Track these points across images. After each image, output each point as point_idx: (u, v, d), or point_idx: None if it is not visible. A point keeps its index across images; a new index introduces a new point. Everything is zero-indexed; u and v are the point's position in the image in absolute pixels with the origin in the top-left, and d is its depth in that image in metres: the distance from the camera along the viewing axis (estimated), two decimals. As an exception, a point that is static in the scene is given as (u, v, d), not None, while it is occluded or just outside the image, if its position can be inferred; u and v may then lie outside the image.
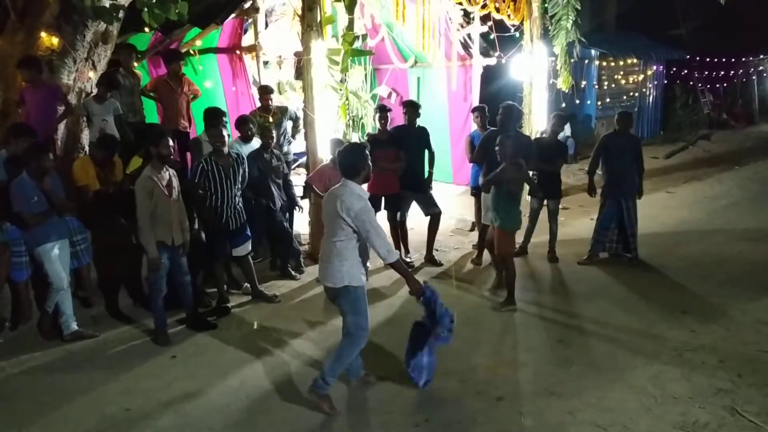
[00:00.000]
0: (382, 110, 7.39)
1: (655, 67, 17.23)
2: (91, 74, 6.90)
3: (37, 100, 6.29)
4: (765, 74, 21.04)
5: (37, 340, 5.47)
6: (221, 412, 4.42)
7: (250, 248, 6.37)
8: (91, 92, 6.95)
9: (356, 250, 4.29)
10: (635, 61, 16.37)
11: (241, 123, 6.80)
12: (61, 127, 6.65)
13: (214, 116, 6.10)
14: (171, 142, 5.35)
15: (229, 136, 6.19)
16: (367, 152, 4.34)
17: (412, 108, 7.46)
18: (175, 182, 5.48)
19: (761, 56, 20.51)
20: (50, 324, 5.54)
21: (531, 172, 7.50)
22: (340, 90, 7.66)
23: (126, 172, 6.23)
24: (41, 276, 5.45)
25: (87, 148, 6.96)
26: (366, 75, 11.06)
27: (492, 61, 10.43)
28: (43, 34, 6.38)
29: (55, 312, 5.51)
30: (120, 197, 5.87)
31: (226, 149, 5.94)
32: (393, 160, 7.13)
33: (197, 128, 7.84)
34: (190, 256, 5.74)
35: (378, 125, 7.37)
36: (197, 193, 5.89)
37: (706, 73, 18.91)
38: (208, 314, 6.04)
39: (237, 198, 6.07)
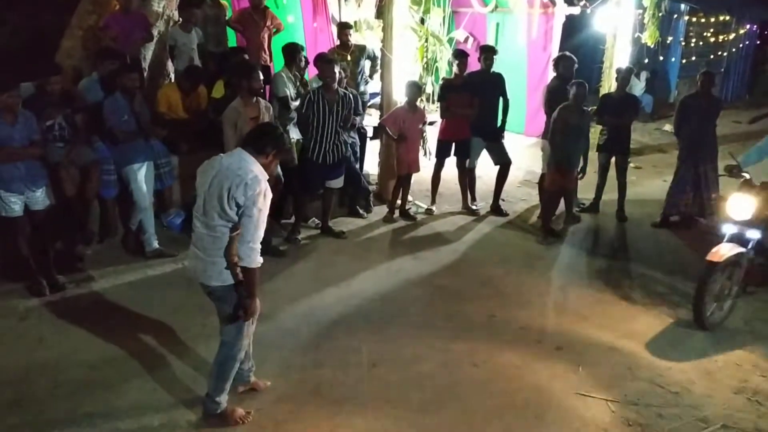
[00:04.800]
0: (460, 55, 7.32)
1: (747, 27, 16.30)
2: (180, 3, 7.07)
3: (125, 26, 6.51)
4: None
5: (121, 255, 5.84)
6: (290, 335, 4.67)
7: (342, 183, 6.56)
8: (178, 20, 7.12)
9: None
10: (727, 18, 15.50)
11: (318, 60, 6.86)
12: (149, 54, 6.88)
13: (322, 59, 6.36)
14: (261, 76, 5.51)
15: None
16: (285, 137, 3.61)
17: (489, 53, 7.31)
18: (268, 115, 5.65)
19: None
20: (134, 240, 5.90)
21: (600, 127, 7.43)
22: (420, 31, 7.61)
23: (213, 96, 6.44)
24: (127, 195, 5.77)
25: (172, 76, 7.18)
26: (444, 18, 10.91)
27: (576, 10, 10.08)
28: (136, -39, 6.56)
29: (138, 229, 5.86)
30: (206, 125, 6.12)
31: (335, 85, 6.10)
32: (466, 105, 7.10)
33: (275, 63, 7.95)
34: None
35: (455, 69, 7.32)
36: (305, 123, 6.10)
37: (803, 36, 17.79)
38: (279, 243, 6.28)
39: (337, 134, 6.20)
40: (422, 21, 7.58)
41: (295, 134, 6.51)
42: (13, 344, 4.43)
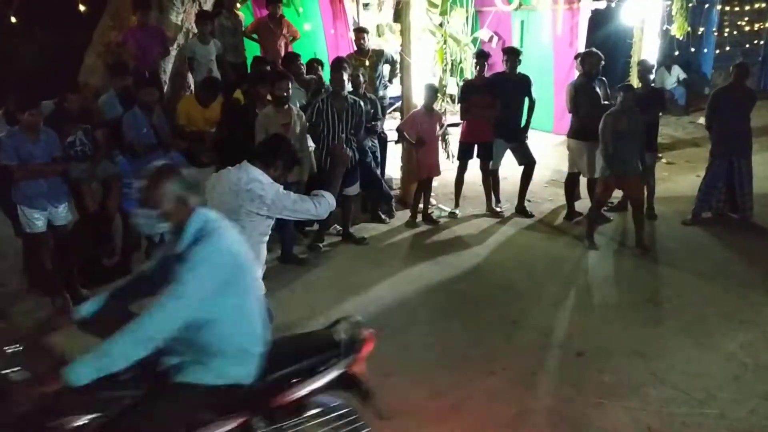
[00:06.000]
0: (480, 56, 7.24)
1: (787, 13, 15.74)
2: (198, 16, 7.15)
3: (143, 40, 6.60)
4: None
5: (144, 267, 5.91)
6: (307, 345, 4.65)
7: (358, 189, 6.53)
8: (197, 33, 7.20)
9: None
10: (763, 6, 14.99)
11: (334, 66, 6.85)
12: (169, 67, 6.97)
13: (332, 66, 6.38)
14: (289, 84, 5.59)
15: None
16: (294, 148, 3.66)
17: (512, 55, 7.19)
18: (300, 122, 5.70)
19: None
20: (156, 252, 5.96)
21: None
22: (439, 33, 7.55)
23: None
24: (149, 207, 5.83)
25: (193, 88, 7.26)
26: (467, 18, 10.80)
27: (601, 4, 9.88)
28: (153, -25, 6.66)
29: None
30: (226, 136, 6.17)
31: (344, 93, 6.10)
32: (486, 107, 7.00)
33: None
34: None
35: (474, 71, 7.24)
36: (314, 132, 6.11)
37: None
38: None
39: (348, 141, 6.12)
40: (441, 24, 7.50)
41: (311, 143, 6.51)
42: (36, 358, 4.52)
